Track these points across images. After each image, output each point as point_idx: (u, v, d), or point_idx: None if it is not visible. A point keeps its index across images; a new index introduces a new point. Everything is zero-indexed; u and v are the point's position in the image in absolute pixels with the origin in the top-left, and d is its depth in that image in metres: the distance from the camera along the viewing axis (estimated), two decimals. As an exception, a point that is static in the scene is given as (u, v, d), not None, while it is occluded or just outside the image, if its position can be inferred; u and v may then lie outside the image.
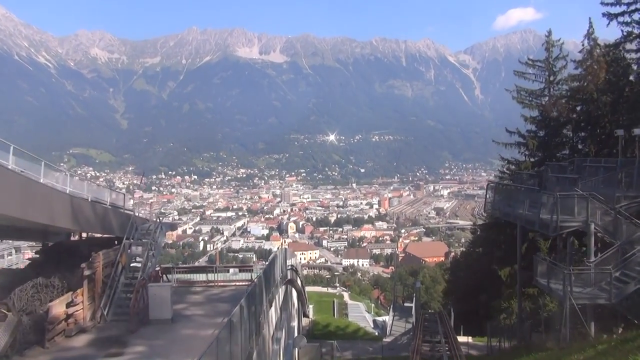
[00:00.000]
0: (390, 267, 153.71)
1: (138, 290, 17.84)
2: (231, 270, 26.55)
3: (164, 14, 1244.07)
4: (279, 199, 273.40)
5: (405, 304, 48.24)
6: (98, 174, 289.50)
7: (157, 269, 22.50)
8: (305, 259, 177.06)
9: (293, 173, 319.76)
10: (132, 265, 20.59)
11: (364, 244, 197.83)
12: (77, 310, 16.91)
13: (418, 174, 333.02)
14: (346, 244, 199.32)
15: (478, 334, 32.17)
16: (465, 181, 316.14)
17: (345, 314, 64.87)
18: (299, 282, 38.23)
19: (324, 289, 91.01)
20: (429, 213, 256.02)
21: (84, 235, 23.36)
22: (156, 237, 22.29)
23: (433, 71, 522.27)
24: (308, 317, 45.54)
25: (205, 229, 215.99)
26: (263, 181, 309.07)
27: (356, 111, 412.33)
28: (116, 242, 22.57)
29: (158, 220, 24.33)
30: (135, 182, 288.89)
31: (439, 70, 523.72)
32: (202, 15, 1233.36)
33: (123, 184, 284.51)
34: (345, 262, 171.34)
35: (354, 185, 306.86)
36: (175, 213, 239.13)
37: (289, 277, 30.49)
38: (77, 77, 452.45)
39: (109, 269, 19.45)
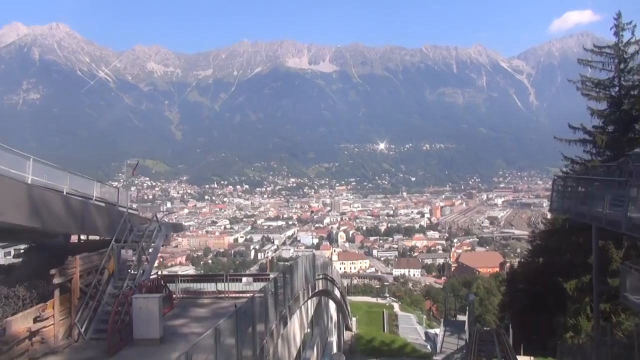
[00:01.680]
0: (442, 278, 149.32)
1: (122, 302, 15.00)
2: (244, 279, 23.07)
3: (216, 27, 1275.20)
4: (329, 208, 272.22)
5: (458, 317, 45.44)
6: (154, 184, 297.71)
7: (154, 277, 19.30)
8: (355, 268, 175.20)
9: (343, 182, 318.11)
10: (131, 272, 17.64)
11: (415, 254, 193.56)
12: (45, 327, 14.01)
13: (470, 182, 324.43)
14: (397, 254, 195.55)
15: (540, 354, 28.92)
16: (520, 189, 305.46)
17: (395, 326, 62.27)
18: (337, 292, 35.52)
19: (374, 300, 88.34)
20: (483, 222, 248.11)
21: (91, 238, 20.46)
22: (153, 240, 19.21)
23: (485, 78, 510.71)
24: (351, 330, 43.20)
25: (256, 237, 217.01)
26: (313, 190, 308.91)
27: (406, 119, 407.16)
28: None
29: (155, 219, 20.65)
30: (189, 191, 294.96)
31: (491, 77, 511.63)
32: (253, 27, 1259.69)
33: (177, 193, 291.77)
34: (396, 272, 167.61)
35: (405, 194, 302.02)
36: (227, 222, 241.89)
37: (320, 288, 27.18)
38: (135, 90, 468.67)
39: (92, 277, 16.46)
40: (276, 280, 16.08)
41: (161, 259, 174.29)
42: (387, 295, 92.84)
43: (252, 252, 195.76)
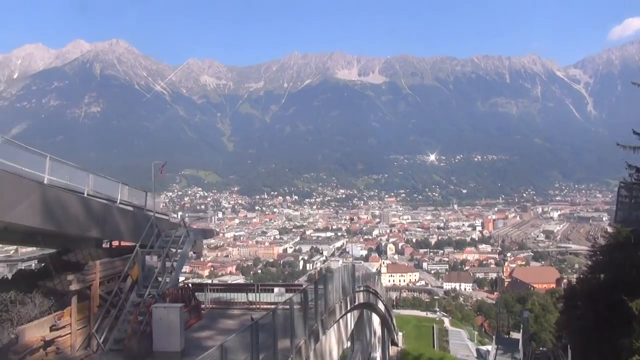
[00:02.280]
0: (495, 293, 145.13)
1: (142, 312, 14.13)
2: (276, 290, 21.59)
3: (267, 40, 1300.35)
4: (378, 220, 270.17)
5: (512, 334, 43.78)
6: (206, 194, 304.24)
7: (182, 285, 18.13)
8: (404, 281, 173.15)
9: (392, 194, 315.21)
10: (156, 280, 16.84)
11: (467, 267, 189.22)
12: (61, 336, 13.30)
13: (525, 195, 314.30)
14: (447, 267, 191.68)
15: (602, 379, 27.26)
16: (578, 203, 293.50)
17: (445, 341, 60.88)
18: (381, 306, 34.53)
19: (423, 314, 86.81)
20: (538, 236, 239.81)
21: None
22: (180, 247, 18.23)
23: (540, 87, 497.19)
24: (397, 345, 42.21)
25: (305, 248, 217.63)
26: (362, 202, 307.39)
27: (457, 130, 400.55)
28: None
29: (183, 224, 19.54)
30: (239, 201, 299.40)
31: (547, 86, 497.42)
32: (303, 40, 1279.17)
33: (229, 203, 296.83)
34: (447, 285, 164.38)
35: (456, 206, 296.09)
36: (277, 232, 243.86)
37: (361, 301, 26.08)
38: (189, 102, 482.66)
39: (115, 284, 15.76)
40: (305, 291, 14.80)
41: (212, 268, 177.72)
42: (437, 309, 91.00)
43: (301, 263, 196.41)
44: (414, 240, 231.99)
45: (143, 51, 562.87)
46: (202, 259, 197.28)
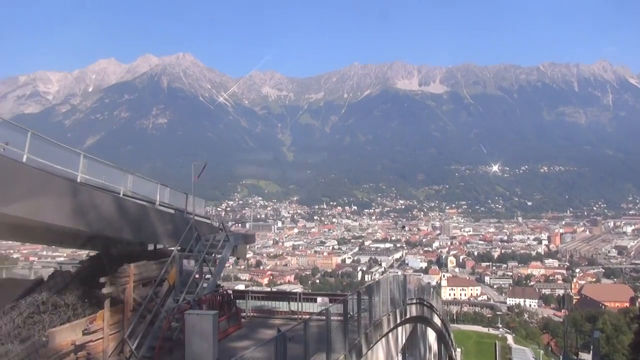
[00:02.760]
0: (562, 310, 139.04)
1: (176, 318, 13.59)
2: (319, 299, 20.17)
3: (327, 52, 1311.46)
4: (438, 232, 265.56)
5: (580, 355, 41.94)
6: (266, 203, 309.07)
7: (221, 291, 17.15)
8: (465, 295, 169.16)
9: (453, 205, 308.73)
10: (196, 285, 16.28)
11: (532, 283, 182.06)
12: (92, 341, 12.84)
13: (595, 208, 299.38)
14: (511, 282, 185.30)
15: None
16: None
17: (508, 359, 59.04)
18: (437, 320, 33.30)
19: (485, 330, 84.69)
20: (609, 252, 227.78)
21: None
22: (219, 251, 17.57)
23: (611, 95, 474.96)
24: (454, 363, 41.26)
25: (364, 259, 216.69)
26: (422, 213, 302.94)
27: (522, 140, 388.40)
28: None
29: (223, 228, 19.00)
30: (299, 211, 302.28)
31: (618, 94, 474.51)
32: (363, 51, 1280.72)
33: (288, 213, 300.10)
34: (510, 301, 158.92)
35: (520, 219, 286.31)
36: (335, 242, 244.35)
37: (414, 314, 24.80)
38: (250, 114, 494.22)
39: (150, 288, 15.22)
40: (345, 302, 13.87)
41: (271, 277, 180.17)
42: (500, 325, 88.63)
43: (359, 274, 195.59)
44: (475, 253, 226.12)
45: (208, 64, 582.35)
46: (261, 267, 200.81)
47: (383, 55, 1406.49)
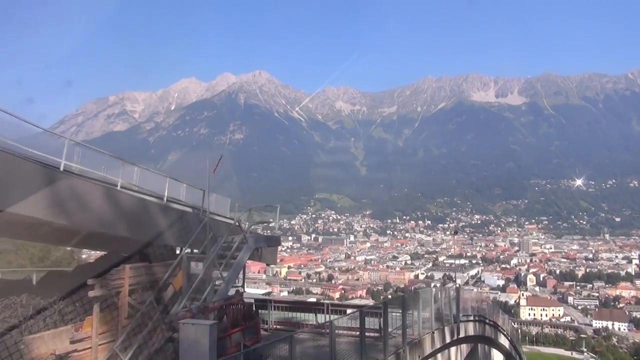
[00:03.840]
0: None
1: (173, 328, 11.89)
2: (349, 311, 17.39)
3: (401, 66, 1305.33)
4: (517, 248, 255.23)
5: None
6: (339, 217, 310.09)
7: (237, 299, 15.08)
8: (546, 315, 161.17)
9: (533, 220, 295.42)
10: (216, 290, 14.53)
11: (621, 305, 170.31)
12: (77, 351, 11.33)
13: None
14: (597, 303, 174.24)
15: None
16: None
17: (594, 386, 55.36)
18: (504, 341, 30.92)
19: (568, 353, 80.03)
20: None
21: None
22: (235, 254, 15.59)
23: None
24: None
25: (437, 275, 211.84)
26: (499, 228, 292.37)
27: (608, 153, 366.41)
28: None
29: (240, 228, 16.95)
30: (371, 225, 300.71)
31: None
32: (438, 63, 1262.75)
33: (361, 227, 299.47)
34: (597, 323, 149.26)
35: (607, 236, 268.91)
36: (408, 257, 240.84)
37: (471, 333, 22.66)
38: (324, 128, 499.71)
39: (150, 293, 13.77)
40: (362, 313, 12.48)
41: (342, 291, 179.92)
42: (585, 349, 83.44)
43: (433, 290, 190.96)
44: (557, 271, 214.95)
45: (283, 81, 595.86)
46: (333, 281, 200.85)
47: (458, 67, 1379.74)
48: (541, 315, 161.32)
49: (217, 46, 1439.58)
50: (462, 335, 20.96)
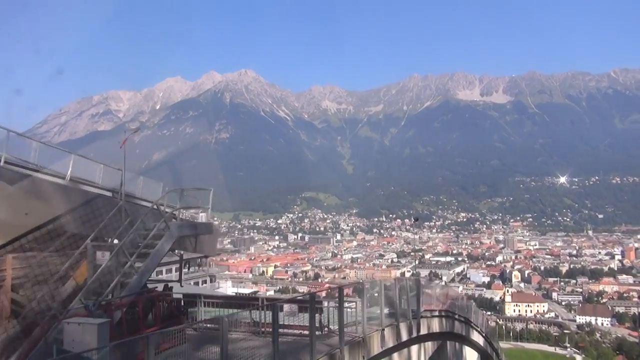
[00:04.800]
0: (638, 330, 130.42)
1: (48, 327, 10.12)
2: (286, 307, 14.81)
3: (387, 65, 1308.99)
4: (502, 245, 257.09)
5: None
6: (325, 216, 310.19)
7: (152, 294, 13.57)
8: (531, 311, 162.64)
9: (518, 218, 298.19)
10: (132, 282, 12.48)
11: (604, 300, 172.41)
12: None
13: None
14: (581, 298, 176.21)
15: None
16: None
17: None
18: (477, 338, 28.98)
19: (551, 349, 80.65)
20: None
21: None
22: (154, 243, 13.40)
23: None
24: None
25: (424, 272, 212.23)
26: (485, 226, 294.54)
27: (591, 150, 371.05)
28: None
29: (158, 211, 14.59)
30: (358, 224, 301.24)
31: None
32: (423, 62, 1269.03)
33: (347, 225, 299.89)
34: (580, 319, 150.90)
35: (590, 232, 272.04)
36: (394, 255, 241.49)
37: (436, 329, 20.37)
38: (310, 127, 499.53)
39: (50, 288, 11.74)
40: (275, 307, 10.54)
41: (329, 289, 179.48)
42: (568, 345, 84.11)
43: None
44: (542, 267, 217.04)
45: (269, 80, 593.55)
46: (319, 280, 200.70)
47: (443, 66, 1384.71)
48: (526, 311, 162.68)
49: (202, 45, 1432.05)
50: (424, 332, 19.01)
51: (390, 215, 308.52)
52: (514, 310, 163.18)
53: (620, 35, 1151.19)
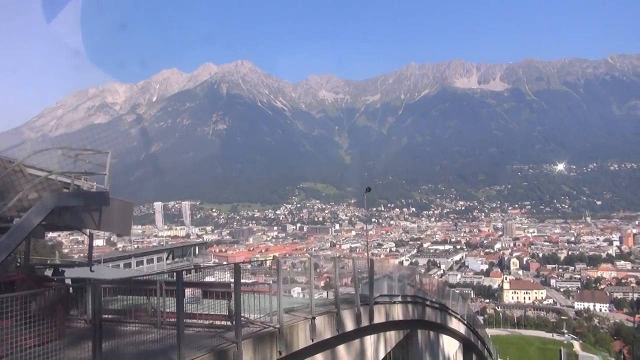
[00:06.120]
0: (636, 316, 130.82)
1: None
2: (187, 292, 11.52)
3: (384, 53, 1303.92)
4: (500, 233, 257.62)
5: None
6: (323, 206, 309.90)
7: (19, 276, 11.43)
8: (529, 298, 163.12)
9: (516, 205, 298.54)
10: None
11: (602, 286, 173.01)
12: None
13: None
14: (579, 285, 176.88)
15: None
16: None
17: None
18: (458, 325, 26.69)
19: (549, 335, 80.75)
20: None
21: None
22: (19, 214, 10.62)
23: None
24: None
25: (422, 261, 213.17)
26: (483, 214, 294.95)
27: (589, 137, 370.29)
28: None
29: (17, 170, 11.35)
30: (356, 214, 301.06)
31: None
32: (421, 50, 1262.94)
33: (346, 215, 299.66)
34: (578, 305, 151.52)
35: (589, 219, 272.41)
36: (393, 244, 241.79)
37: (399, 317, 18.33)
38: (308, 117, 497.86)
39: None
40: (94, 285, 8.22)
41: (327, 279, 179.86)
42: (565, 331, 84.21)
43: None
44: (540, 255, 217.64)
45: (266, 70, 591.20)
46: (318, 270, 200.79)
47: (441, 54, 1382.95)
48: (524, 298, 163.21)
49: (198, 36, 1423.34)
50: (380, 320, 16.82)
51: (389, 205, 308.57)
52: (513, 298, 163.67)
53: (617, 21, 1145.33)
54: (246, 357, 9.64)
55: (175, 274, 9.42)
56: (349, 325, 14.45)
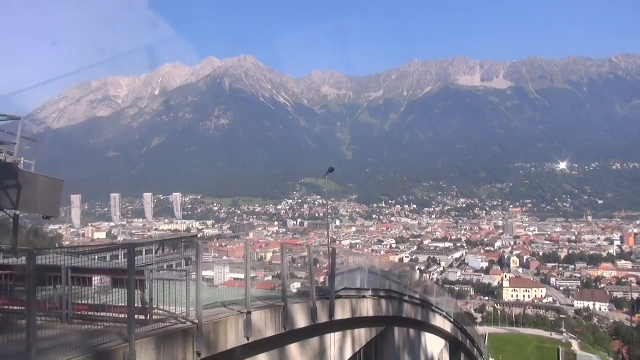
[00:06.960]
0: (636, 315, 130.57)
1: None
2: (95, 279, 9.65)
3: (387, 50, 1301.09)
4: (501, 231, 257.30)
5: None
6: (325, 202, 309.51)
7: None
8: (529, 297, 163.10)
9: (518, 204, 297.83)
10: None
11: (602, 285, 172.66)
12: None
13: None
14: (579, 284, 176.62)
15: None
16: None
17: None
18: (442, 322, 25.16)
19: (547, 334, 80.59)
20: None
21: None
22: None
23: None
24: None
25: (422, 258, 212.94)
26: (484, 212, 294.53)
27: (592, 136, 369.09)
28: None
29: None
30: (357, 210, 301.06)
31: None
32: (424, 47, 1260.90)
33: (347, 211, 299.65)
34: (578, 304, 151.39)
35: (590, 218, 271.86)
36: (393, 241, 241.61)
37: (369, 313, 17.09)
38: (310, 113, 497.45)
39: None
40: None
41: (327, 275, 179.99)
42: (564, 330, 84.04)
43: (417, 273, 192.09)
44: (540, 253, 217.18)
45: (269, 65, 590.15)
46: (317, 266, 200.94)
47: (444, 51, 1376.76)
48: (524, 296, 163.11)
49: (202, 30, 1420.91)
50: (344, 317, 15.23)
51: (390, 202, 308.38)
52: (512, 296, 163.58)
53: (622, 19, 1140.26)
54: (145, 358, 7.82)
55: (127, 249, 8.02)
56: (301, 322, 12.68)
